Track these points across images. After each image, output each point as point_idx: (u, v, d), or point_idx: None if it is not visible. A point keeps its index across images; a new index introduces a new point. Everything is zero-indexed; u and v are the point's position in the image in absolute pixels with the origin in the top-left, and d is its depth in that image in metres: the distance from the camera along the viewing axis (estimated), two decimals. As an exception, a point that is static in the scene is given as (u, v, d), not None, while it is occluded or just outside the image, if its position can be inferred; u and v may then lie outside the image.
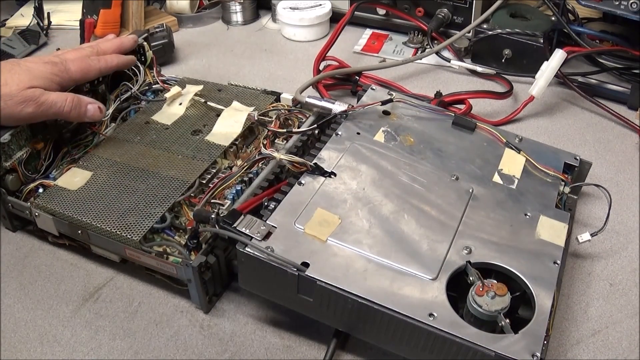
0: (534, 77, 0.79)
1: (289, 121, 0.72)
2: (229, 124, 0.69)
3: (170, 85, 0.78)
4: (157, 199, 0.60)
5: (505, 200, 0.59)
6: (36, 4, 1.03)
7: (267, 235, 0.52)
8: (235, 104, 0.72)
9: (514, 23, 0.91)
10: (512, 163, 0.63)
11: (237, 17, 1.09)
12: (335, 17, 1.02)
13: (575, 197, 0.63)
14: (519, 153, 0.64)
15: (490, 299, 0.48)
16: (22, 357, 0.55)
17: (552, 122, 0.83)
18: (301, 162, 0.59)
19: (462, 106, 0.80)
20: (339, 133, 0.64)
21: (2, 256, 0.64)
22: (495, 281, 0.49)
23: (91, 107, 0.65)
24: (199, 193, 0.62)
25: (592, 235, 0.60)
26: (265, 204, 0.57)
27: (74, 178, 0.63)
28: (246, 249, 0.51)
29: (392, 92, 0.72)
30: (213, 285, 0.58)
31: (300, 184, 0.58)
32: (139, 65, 0.77)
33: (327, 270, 0.50)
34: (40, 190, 0.64)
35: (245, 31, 1.08)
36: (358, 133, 0.65)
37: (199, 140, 0.68)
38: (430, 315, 0.47)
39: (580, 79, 0.86)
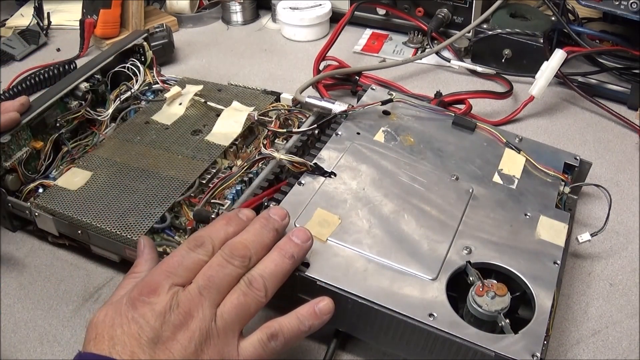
0: (534, 77, 0.79)
1: (289, 121, 0.72)
2: (229, 124, 0.69)
3: (170, 85, 0.78)
4: (157, 199, 0.60)
5: (505, 200, 0.59)
6: (36, 4, 1.03)
7: (267, 235, 0.52)
8: (235, 104, 0.72)
9: (514, 23, 0.91)
10: (512, 163, 0.63)
11: (237, 17, 1.09)
12: (335, 17, 1.02)
13: (575, 197, 0.63)
14: (519, 153, 0.64)
15: (490, 299, 0.48)
16: (22, 357, 0.55)
17: (552, 122, 0.83)
18: (301, 162, 0.59)
19: (462, 106, 0.80)
20: (339, 133, 0.64)
21: (2, 256, 0.64)
22: (495, 281, 0.49)
23: None
24: (199, 193, 0.62)
25: (592, 235, 0.60)
26: (265, 204, 0.57)
27: (74, 178, 0.63)
28: (246, 249, 0.51)
29: (392, 92, 0.72)
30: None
31: (300, 184, 0.58)
32: (139, 65, 0.77)
33: (327, 270, 0.50)
34: (40, 190, 0.64)
35: (245, 31, 1.08)
36: (358, 133, 0.65)
37: (199, 140, 0.68)
38: (430, 315, 0.47)
39: (580, 79, 0.86)
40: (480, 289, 0.48)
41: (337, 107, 0.68)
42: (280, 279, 0.46)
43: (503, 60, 0.90)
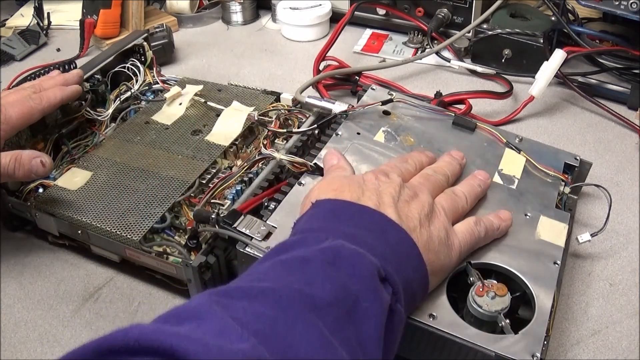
0: (534, 77, 0.79)
1: (289, 121, 0.72)
2: (229, 124, 0.69)
3: (170, 85, 0.78)
4: (157, 199, 0.60)
5: (505, 200, 0.59)
6: (36, 4, 1.03)
7: (267, 236, 0.52)
8: (235, 104, 0.72)
9: (514, 23, 0.91)
10: (512, 163, 0.63)
11: (237, 17, 1.09)
12: (335, 17, 1.02)
13: (575, 197, 0.63)
14: (519, 153, 0.64)
15: (490, 299, 0.48)
16: (22, 357, 0.55)
17: (552, 122, 0.83)
18: (301, 162, 0.59)
19: (462, 106, 0.80)
20: (339, 133, 0.64)
21: (2, 256, 0.64)
22: (495, 281, 0.49)
23: (35, 162, 0.56)
24: (199, 193, 0.62)
25: (592, 235, 0.60)
26: (266, 204, 0.57)
27: (74, 178, 0.63)
28: (246, 249, 0.51)
29: (392, 92, 0.71)
30: (213, 285, 0.58)
31: (300, 184, 0.58)
32: (139, 65, 0.77)
33: (327, 270, 0.50)
34: (40, 190, 0.64)
35: (245, 31, 1.08)
36: (358, 133, 0.65)
37: (199, 140, 0.68)
38: (431, 315, 0.47)
39: (580, 79, 0.86)
40: (481, 289, 0.48)
41: (337, 107, 0.68)
42: (474, 198, 0.55)
43: (503, 60, 0.90)
